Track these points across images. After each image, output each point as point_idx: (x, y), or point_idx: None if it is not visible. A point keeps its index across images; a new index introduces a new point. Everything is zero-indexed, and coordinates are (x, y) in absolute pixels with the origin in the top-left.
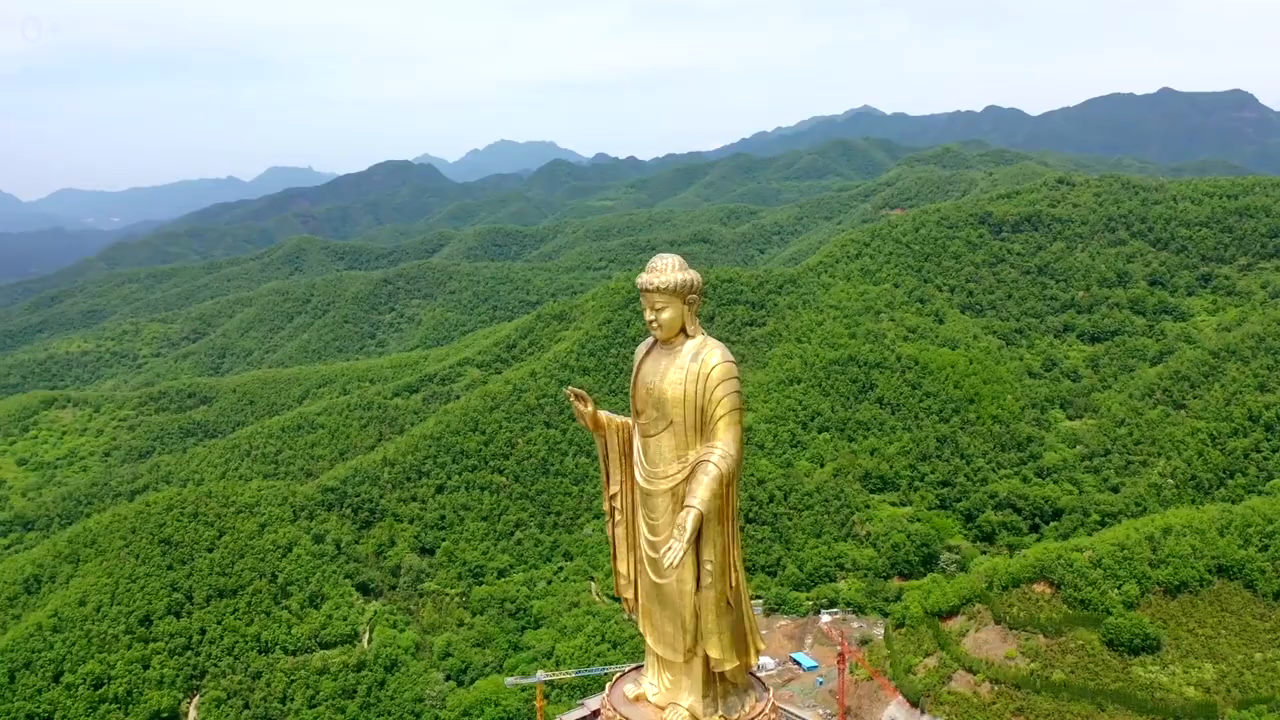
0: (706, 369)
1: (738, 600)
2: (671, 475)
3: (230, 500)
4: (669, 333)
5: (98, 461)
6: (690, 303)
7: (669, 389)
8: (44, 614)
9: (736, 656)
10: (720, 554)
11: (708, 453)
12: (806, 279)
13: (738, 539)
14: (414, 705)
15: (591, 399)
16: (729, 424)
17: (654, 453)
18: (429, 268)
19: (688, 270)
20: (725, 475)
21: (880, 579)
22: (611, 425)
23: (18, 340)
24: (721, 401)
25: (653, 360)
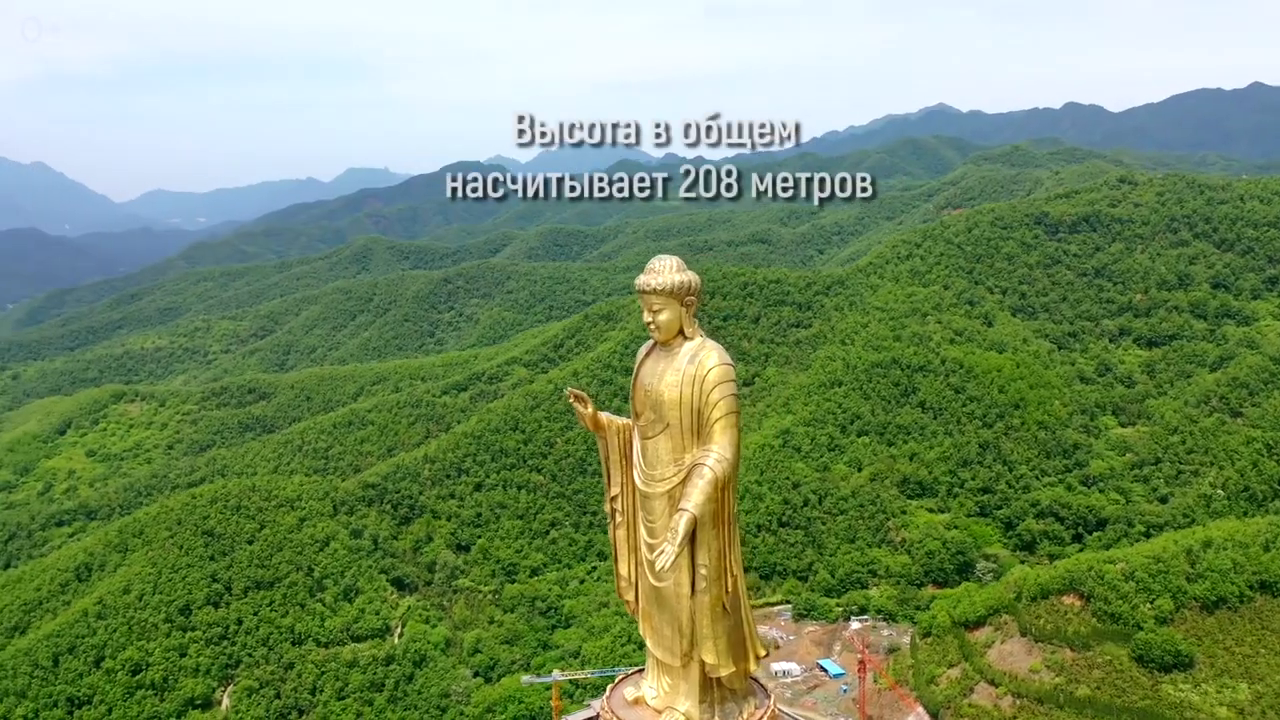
0: (703, 371)
1: (736, 605)
2: (668, 478)
3: (272, 494)
4: (667, 335)
5: (161, 454)
6: (688, 304)
7: (665, 391)
8: (90, 601)
9: (733, 662)
10: (715, 558)
11: (703, 456)
12: (855, 280)
13: (736, 544)
14: (440, 700)
15: (591, 400)
16: (725, 427)
17: (651, 455)
18: (488, 267)
19: (686, 272)
20: (720, 479)
21: (913, 587)
22: (612, 427)
23: (99, 336)
24: (717, 404)
25: (651, 362)
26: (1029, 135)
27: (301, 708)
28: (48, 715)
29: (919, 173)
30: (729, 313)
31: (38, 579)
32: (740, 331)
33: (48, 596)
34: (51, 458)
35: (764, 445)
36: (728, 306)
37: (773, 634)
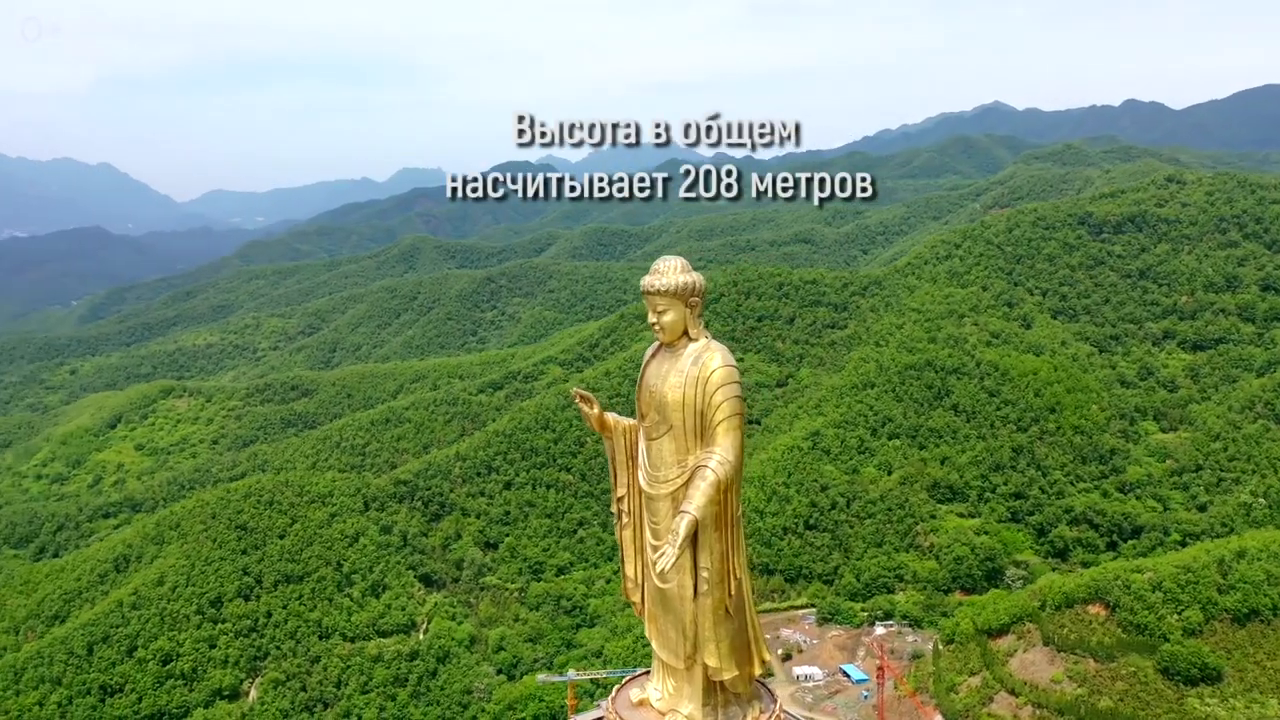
0: (706, 373)
1: (740, 609)
2: (672, 479)
3: (305, 490)
4: (671, 336)
5: (206, 448)
6: (692, 305)
7: (669, 393)
8: (125, 591)
9: (736, 666)
10: (718, 561)
11: (706, 458)
12: (892, 281)
13: (740, 547)
14: (462, 697)
15: (597, 400)
16: (728, 429)
17: (656, 456)
18: (531, 266)
19: (690, 273)
20: (722, 481)
21: (940, 592)
22: (618, 427)
23: (154, 332)
24: (720, 406)
25: (657, 363)
26: (1085, 133)
27: (326, 701)
28: (81, 702)
29: (970, 171)
30: (763, 313)
31: (78, 569)
32: (775, 332)
33: (87, 587)
34: (102, 451)
35: (793, 447)
36: (762, 307)
37: (796, 638)
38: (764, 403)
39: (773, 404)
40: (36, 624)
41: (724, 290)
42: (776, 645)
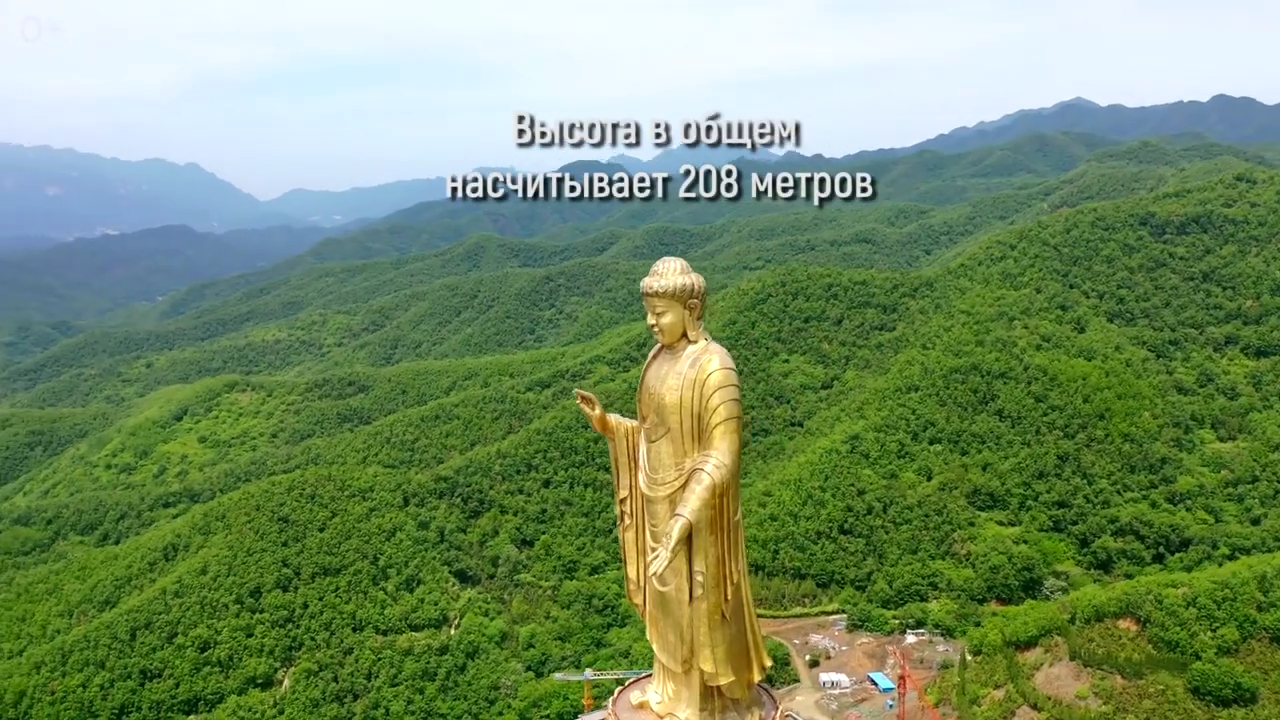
0: (703, 375)
1: (738, 614)
2: (670, 482)
3: (346, 484)
4: (670, 338)
5: (265, 442)
6: (691, 307)
7: (667, 395)
8: (169, 579)
9: (732, 672)
10: (714, 565)
11: (702, 461)
12: (943, 283)
13: (738, 551)
14: (489, 692)
15: (599, 402)
16: (724, 432)
17: (654, 459)
18: (589, 266)
19: (689, 274)
20: (718, 485)
21: (974, 602)
22: (620, 429)
23: (227, 328)
24: (717, 409)
25: (657, 365)
26: (1172, 129)
27: (356, 692)
28: (122, 685)
29: (1044, 170)
30: (810, 314)
31: (130, 556)
32: (821, 333)
33: (137, 574)
34: (168, 442)
35: (830, 450)
36: (810, 308)
37: (825, 643)
38: (807, 405)
39: (816, 406)
40: (89, 608)
41: (772, 291)
42: (805, 651)
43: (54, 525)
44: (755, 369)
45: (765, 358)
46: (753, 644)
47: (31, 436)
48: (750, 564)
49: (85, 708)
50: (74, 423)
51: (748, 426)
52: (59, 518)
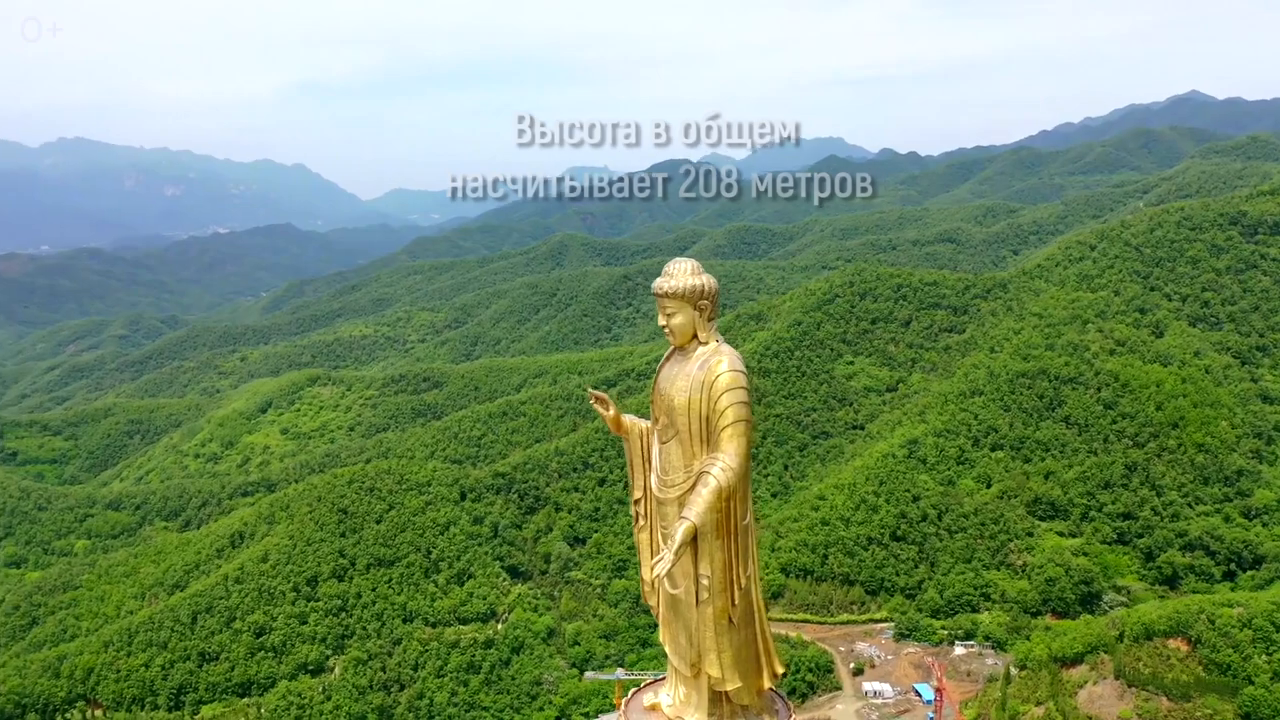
0: (711, 377)
1: (747, 619)
2: (679, 484)
3: (405, 478)
4: (682, 339)
5: (343, 435)
6: (701, 308)
7: (676, 396)
8: (233, 566)
9: (740, 678)
10: (720, 569)
11: (709, 464)
12: (1017, 284)
13: (747, 555)
14: (531, 688)
15: (613, 402)
16: (732, 435)
17: (665, 460)
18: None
19: (700, 275)
20: (724, 488)
21: (1028, 615)
22: (634, 429)
23: (319, 323)
24: (725, 412)
25: (669, 367)
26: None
27: (403, 682)
28: (181, 667)
29: (1148, 167)
30: (877, 315)
31: (200, 543)
32: (888, 335)
33: (205, 559)
34: (252, 434)
35: (887, 455)
36: (877, 309)
37: (871, 652)
38: (870, 408)
39: (879, 409)
40: (159, 591)
41: (839, 291)
42: (850, 658)
43: (141, 511)
44: (818, 370)
45: (829, 359)
46: (763, 650)
47: (130, 425)
48: (799, 568)
49: (147, 686)
50: (169, 413)
51: (807, 429)
52: (146, 504)
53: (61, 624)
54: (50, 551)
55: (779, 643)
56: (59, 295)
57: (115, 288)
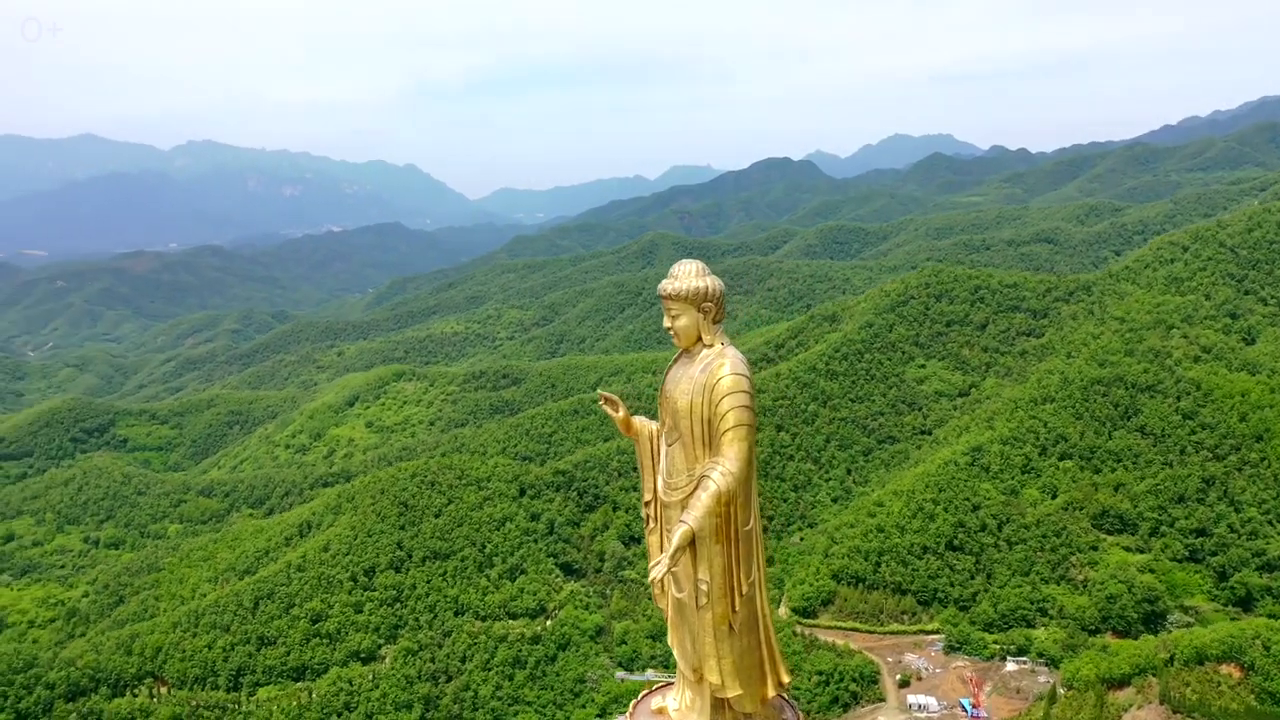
0: (713, 380)
1: (751, 626)
2: (682, 487)
3: (465, 473)
4: (686, 341)
5: (423, 429)
6: (705, 311)
7: (679, 399)
8: (296, 554)
9: (740, 685)
10: (720, 575)
11: (710, 468)
12: (1101, 286)
13: (750, 561)
14: (575, 685)
15: (623, 404)
16: (733, 439)
17: (670, 463)
18: (754, 264)
19: (705, 277)
20: (723, 493)
21: (1086, 632)
22: (644, 431)
23: (416, 320)
24: (726, 415)
25: (676, 369)
26: None
27: (450, 674)
28: (241, 649)
29: (1275, 163)
30: (952, 318)
31: (272, 530)
32: (962, 338)
33: (274, 547)
34: (339, 426)
35: (948, 462)
36: (952, 311)
37: (919, 664)
38: (940, 413)
39: (948, 415)
40: (230, 575)
41: (915, 293)
42: (896, 670)
43: (230, 498)
44: (888, 374)
45: (900, 362)
46: (768, 658)
47: (231, 416)
48: (851, 575)
49: (208, 667)
50: (267, 405)
51: (873, 433)
52: (234, 491)
53: (143, 603)
54: (146, 534)
55: (826, 651)
56: (181, 290)
57: (232, 283)
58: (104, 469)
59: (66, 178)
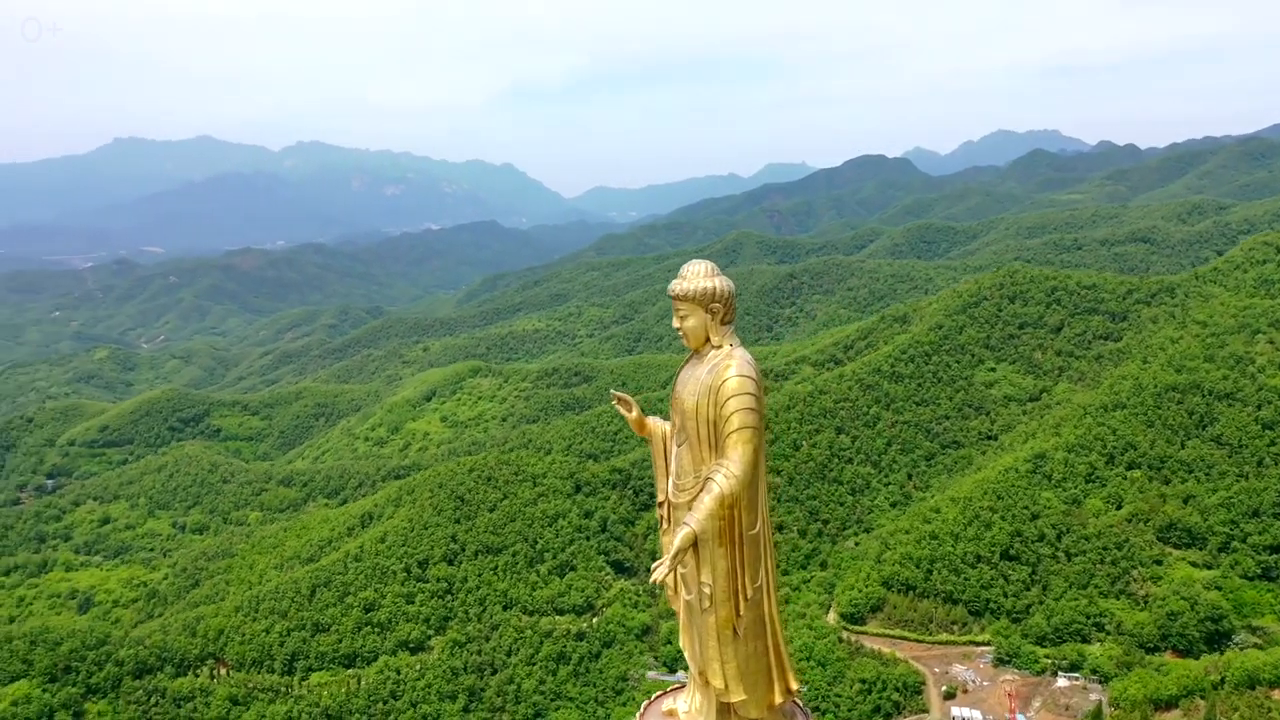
0: (719, 382)
1: (757, 632)
2: (689, 489)
3: (521, 469)
4: (695, 342)
5: (496, 425)
6: (713, 311)
7: (686, 400)
8: (355, 544)
9: (744, 690)
10: (724, 579)
11: (714, 470)
12: (1186, 288)
13: (757, 565)
14: (616, 683)
15: (636, 404)
16: (737, 441)
17: (679, 464)
18: (835, 263)
19: (714, 278)
20: (727, 495)
21: (1143, 650)
22: (658, 432)
23: (501, 316)
24: (730, 418)
25: (686, 370)
26: None
27: (495, 667)
28: (297, 635)
29: None
30: (1025, 320)
31: (336, 520)
32: (1035, 341)
33: (337, 537)
34: (416, 420)
35: (1009, 469)
36: (1026, 313)
37: (966, 675)
38: (1008, 418)
39: (1016, 420)
40: (295, 563)
41: (988, 294)
42: (943, 681)
43: (307, 488)
44: (956, 376)
45: (969, 365)
46: (775, 664)
47: (317, 408)
48: (901, 583)
49: (265, 650)
50: (351, 398)
51: (937, 437)
52: (311, 481)
53: (215, 587)
54: (229, 521)
55: (870, 658)
56: (284, 286)
57: (332, 280)
58: (194, 457)
59: (184, 178)
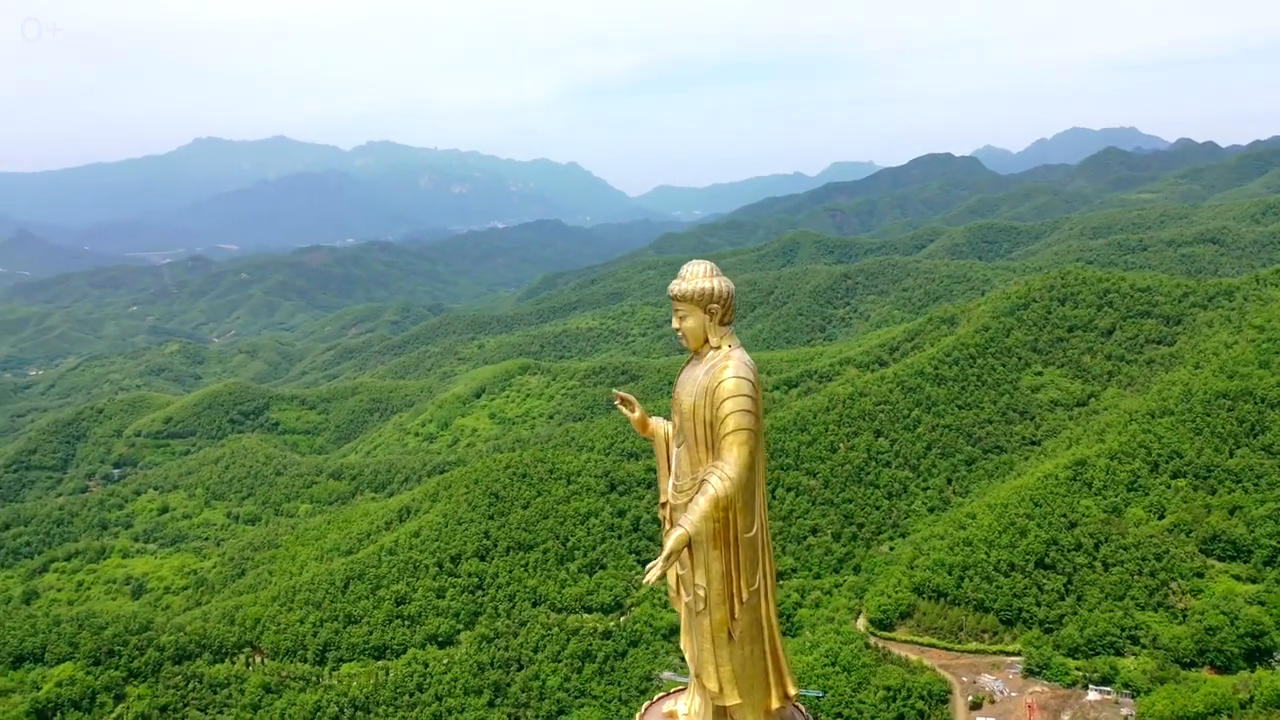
0: (715, 383)
1: (754, 635)
2: (687, 490)
3: (556, 467)
4: (694, 343)
5: (544, 422)
6: (711, 312)
7: (684, 401)
8: (390, 538)
9: (739, 695)
10: (719, 581)
11: (710, 472)
12: (1246, 291)
13: (752, 568)
14: (640, 683)
15: (638, 404)
16: (733, 443)
17: (678, 465)
18: (890, 264)
19: (714, 279)
20: (721, 498)
21: (1179, 665)
22: (659, 433)
23: (558, 314)
24: (726, 419)
25: (687, 370)
26: None
27: (521, 663)
28: (329, 625)
29: None
30: (1075, 322)
31: (375, 514)
32: (1084, 345)
33: (375, 530)
34: (464, 416)
35: (1048, 476)
36: (1076, 316)
37: (994, 685)
38: (1053, 423)
39: (1061, 425)
40: (334, 555)
41: (1037, 296)
42: (970, 690)
43: (356, 481)
44: (1000, 380)
45: (1015, 368)
46: (772, 668)
47: (372, 403)
48: (932, 589)
49: (298, 640)
50: (405, 394)
51: (979, 442)
52: (360, 475)
53: (258, 577)
54: (280, 513)
55: (897, 665)
56: (350, 283)
57: (396, 277)
58: (250, 449)
59: (259, 176)
